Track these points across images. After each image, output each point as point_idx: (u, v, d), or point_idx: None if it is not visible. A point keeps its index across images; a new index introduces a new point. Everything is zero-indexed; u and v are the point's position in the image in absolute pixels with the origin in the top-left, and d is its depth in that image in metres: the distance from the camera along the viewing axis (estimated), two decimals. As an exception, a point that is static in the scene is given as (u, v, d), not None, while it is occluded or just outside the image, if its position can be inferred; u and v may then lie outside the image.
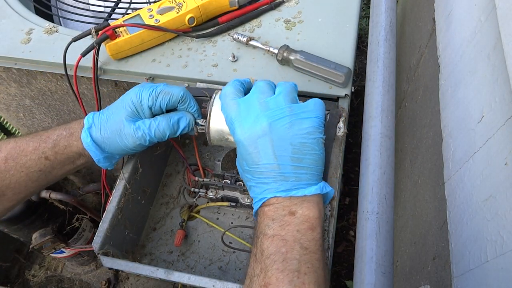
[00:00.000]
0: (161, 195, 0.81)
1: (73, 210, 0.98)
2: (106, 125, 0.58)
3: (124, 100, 0.58)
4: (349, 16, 0.77)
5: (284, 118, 0.50)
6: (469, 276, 0.57)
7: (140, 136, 0.57)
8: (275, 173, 0.49)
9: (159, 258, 0.74)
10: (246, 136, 0.50)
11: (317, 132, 0.51)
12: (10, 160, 0.58)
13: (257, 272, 0.46)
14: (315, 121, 0.51)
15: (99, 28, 0.69)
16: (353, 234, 1.48)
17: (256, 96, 0.52)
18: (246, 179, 0.53)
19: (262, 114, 0.50)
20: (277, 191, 0.49)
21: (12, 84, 0.86)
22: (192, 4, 0.74)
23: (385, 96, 0.68)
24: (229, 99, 0.54)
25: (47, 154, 0.59)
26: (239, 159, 0.54)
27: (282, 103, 0.51)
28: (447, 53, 0.78)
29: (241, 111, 0.52)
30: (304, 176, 0.50)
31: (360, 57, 1.93)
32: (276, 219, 0.48)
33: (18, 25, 0.83)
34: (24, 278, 1.15)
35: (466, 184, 0.61)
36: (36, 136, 0.60)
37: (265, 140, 0.49)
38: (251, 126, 0.50)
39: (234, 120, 0.52)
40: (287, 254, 0.46)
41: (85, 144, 0.58)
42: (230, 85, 0.55)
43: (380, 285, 0.51)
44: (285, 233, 0.47)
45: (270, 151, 0.49)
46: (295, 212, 0.48)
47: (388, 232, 0.56)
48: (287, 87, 0.53)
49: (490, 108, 0.56)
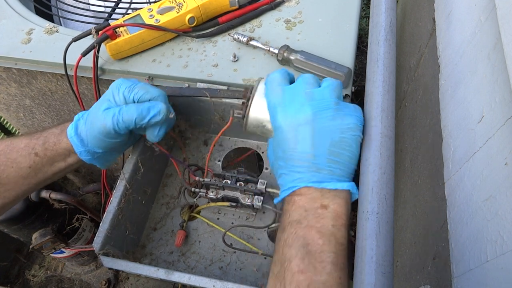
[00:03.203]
0: (162, 195, 0.81)
1: (73, 211, 0.98)
2: (89, 117, 0.59)
3: (106, 92, 0.60)
4: (349, 16, 0.77)
5: (328, 110, 0.50)
6: (469, 276, 0.57)
7: (108, 119, 0.56)
8: (309, 163, 0.49)
9: (160, 258, 0.74)
10: (288, 123, 0.50)
11: (357, 130, 0.51)
12: (1, 156, 0.59)
13: (288, 257, 0.46)
14: (357, 119, 0.51)
15: (99, 28, 0.69)
16: (353, 234, 1.48)
17: (303, 86, 0.52)
18: (278, 167, 0.53)
19: (307, 103, 0.50)
20: (309, 181, 0.49)
21: (12, 84, 0.86)
22: (192, 4, 0.74)
23: (385, 96, 0.68)
24: (275, 85, 0.54)
25: (37, 150, 0.59)
26: (274, 146, 0.53)
27: (328, 95, 0.51)
28: (447, 53, 0.78)
29: (286, 98, 0.52)
30: (338, 171, 0.50)
31: (360, 57, 1.93)
32: (310, 211, 0.48)
33: (18, 25, 0.83)
34: (24, 278, 1.15)
35: (466, 184, 0.61)
36: (30, 134, 0.61)
37: (305, 128, 0.49)
38: (294, 114, 0.50)
39: (278, 105, 0.52)
40: (324, 247, 0.46)
41: (68, 136, 0.59)
42: (278, 72, 0.55)
43: (380, 285, 0.51)
44: (321, 225, 0.47)
45: (308, 139, 0.49)
46: (327, 206, 0.48)
47: (388, 232, 0.56)
48: (334, 82, 0.54)
49: (490, 108, 0.56)
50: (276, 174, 0.54)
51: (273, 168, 0.55)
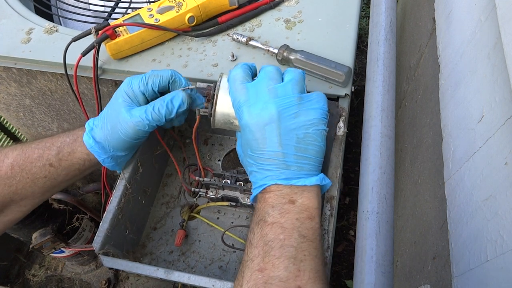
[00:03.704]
0: (162, 195, 0.81)
1: (73, 210, 0.98)
2: (106, 122, 0.59)
3: (117, 94, 0.59)
4: (349, 16, 0.77)
5: (292, 107, 0.50)
6: (469, 276, 0.57)
7: (138, 121, 0.57)
8: (279, 161, 0.50)
9: (160, 257, 0.74)
10: (254, 122, 0.51)
11: (321, 124, 0.51)
12: (16, 167, 0.59)
13: (250, 257, 0.47)
14: (320, 113, 0.52)
15: (99, 28, 0.69)
16: (353, 233, 1.48)
17: (265, 82, 0.52)
18: (247, 164, 0.54)
19: (271, 101, 0.50)
20: (278, 179, 0.50)
21: (12, 84, 0.86)
22: (192, 3, 0.74)
23: (385, 95, 0.68)
24: (238, 83, 0.54)
25: (52, 161, 0.59)
26: (243, 144, 0.54)
27: (290, 92, 0.51)
28: (447, 52, 0.78)
29: (250, 96, 0.52)
30: (306, 166, 0.51)
31: (360, 57, 1.93)
32: (276, 207, 0.49)
33: (18, 25, 0.83)
34: (24, 278, 1.15)
35: (466, 184, 0.61)
36: (41, 142, 0.61)
37: (272, 128, 0.50)
38: (260, 113, 0.50)
39: (243, 104, 0.52)
40: (284, 241, 0.46)
41: (88, 146, 0.59)
42: (239, 68, 0.55)
43: (380, 285, 0.51)
44: (285, 220, 0.48)
45: (276, 139, 0.50)
46: (295, 200, 0.49)
47: (388, 232, 0.56)
48: (296, 75, 0.53)
49: (490, 107, 0.56)
50: (246, 170, 0.55)
51: (243, 164, 0.56)
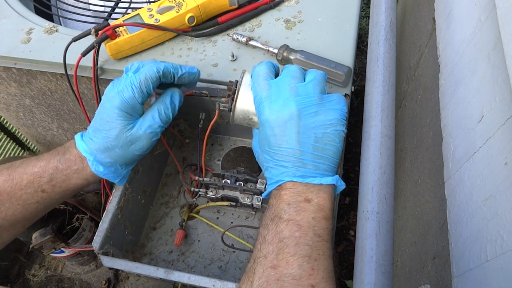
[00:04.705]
0: (161, 195, 0.81)
1: (73, 210, 0.98)
2: (112, 147, 0.56)
3: (110, 114, 0.55)
4: (349, 16, 0.77)
5: (312, 106, 0.51)
6: (469, 276, 0.57)
7: (151, 132, 0.57)
8: (295, 158, 0.50)
9: (159, 257, 0.74)
10: (274, 118, 0.51)
11: (340, 125, 0.52)
12: (4, 194, 0.56)
13: (264, 253, 0.46)
14: (339, 114, 0.52)
15: (99, 28, 0.69)
16: (353, 233, 1.48)
17: (288, 80, 0.53)
18: (264, 160, 0.54)
19: (292, 98, 0.51)
20: (294, 176, 0.50)
21: (12, 84, 0.86)
22: (191, 3, 0.74)
23: (385, 95, 0.68)
24: (261, 79, 0.54)
25: (44, 187, 0.57)
26: (260, 140, 0.54)
27: (311, 91, 0.52)
28: (447, 52, 0.77)
29: (272, 92, 0.52)
30: (322, 166, 0.51)
31: (360, 57, 1.93)
32: (292, 204, 0.49)
33: (18, 25, 0.83)
34: (24, 278, 1.15)
35: (466, 184, 0.61)
36: (28, 166, 0.57)
37: (291, 125, 0.50)
38: (280, 109, 0.51)
39: (264, 100, 0.52)
40: (300, 239, 0.46)
41: (100, 175, 0.58)
42: (264, 65, 0.56)
43: (380, 285, 0.51)
44: (300, 218, 0.48)
45: (294, 136, 0.50)
46: (311, 199, 0.49)
47: (388, 232, 0.56)
48: (318, 76, 0.54)
49: (490, 107, 0.56)
50: (262, 166, 0.55)
51: (259, 160, 0.56)
